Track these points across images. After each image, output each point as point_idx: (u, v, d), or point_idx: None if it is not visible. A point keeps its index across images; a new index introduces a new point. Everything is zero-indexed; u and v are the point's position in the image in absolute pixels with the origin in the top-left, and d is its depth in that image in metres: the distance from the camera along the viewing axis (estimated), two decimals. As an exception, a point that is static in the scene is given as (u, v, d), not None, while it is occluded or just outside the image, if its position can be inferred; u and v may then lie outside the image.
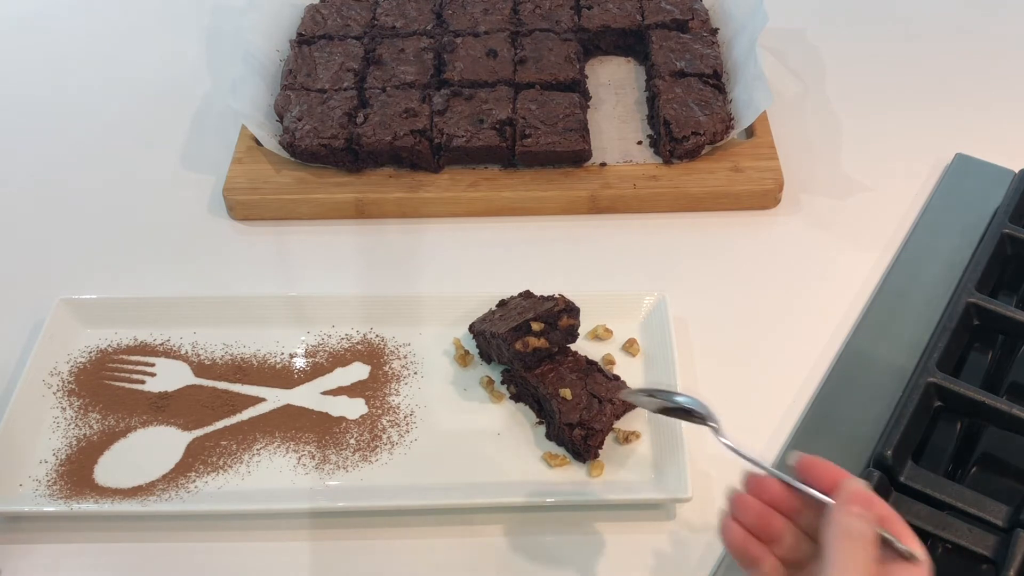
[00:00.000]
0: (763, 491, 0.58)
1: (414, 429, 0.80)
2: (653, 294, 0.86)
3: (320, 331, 0.86)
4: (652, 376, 0.82)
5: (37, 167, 1.06)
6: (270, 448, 0.78)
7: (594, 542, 0.74)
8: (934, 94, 1.11)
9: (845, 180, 1.01)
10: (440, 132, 0.99)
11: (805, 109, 1.10)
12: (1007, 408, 0.74)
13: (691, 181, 0.98)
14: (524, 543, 0.74)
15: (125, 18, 1.26)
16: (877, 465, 0.72)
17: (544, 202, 0.98)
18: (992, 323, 0.82)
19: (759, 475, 0.59)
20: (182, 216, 1.00)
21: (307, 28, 1.12)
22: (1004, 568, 0.66)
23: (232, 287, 0.93)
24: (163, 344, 0.86)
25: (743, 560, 0.58)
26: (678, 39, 1.09)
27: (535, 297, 0.84)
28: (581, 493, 0.75)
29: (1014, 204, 0.90)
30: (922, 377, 0.76)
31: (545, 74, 1.05)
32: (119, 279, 0.94)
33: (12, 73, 1.19)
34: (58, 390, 0.82)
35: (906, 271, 0.91)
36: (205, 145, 1.07)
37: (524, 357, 0.78)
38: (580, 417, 0.76)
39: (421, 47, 1.09)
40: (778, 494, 0.58)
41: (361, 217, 0.98)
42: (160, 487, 0.76)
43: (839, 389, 0.82)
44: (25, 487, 0.76)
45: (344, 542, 0.74)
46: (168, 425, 0.80)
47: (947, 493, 0.71)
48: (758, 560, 0.58)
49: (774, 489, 0.58)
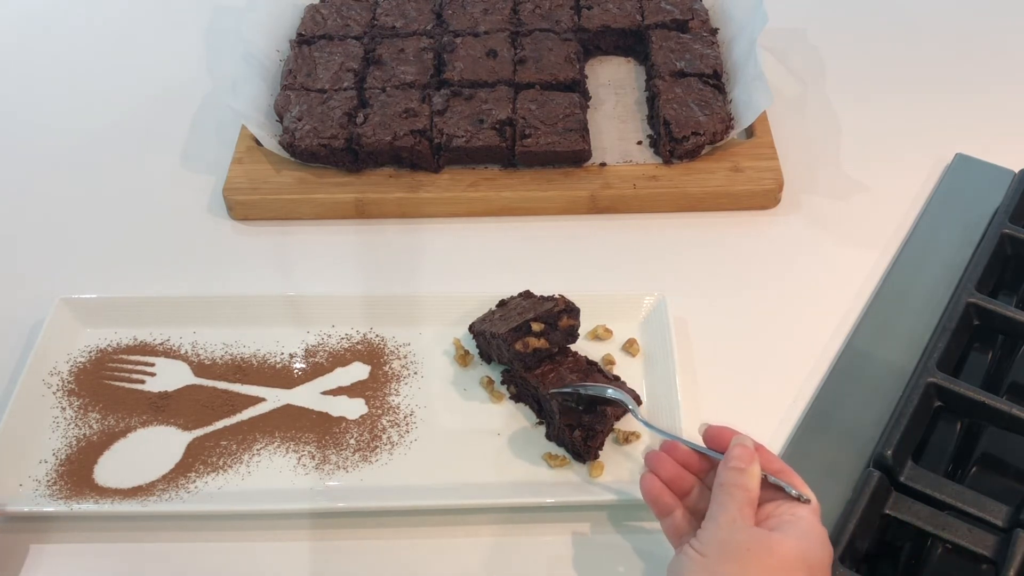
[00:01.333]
0: (676, 453, 0.69)
1: (414, 429, 0.80)
2: (653, 294, 0.86)
3: (320, 331, 0.86)
4: (652, 376, 0.82)
5: (37, 167, 1.06)
6: (270, 448, 0.78)
7: (594, 542, 0.74)
8: (934, 94, 1.11)
9: (845, 180, 1.01)
10: (440, 132, 0.99)
11: (805, 109, 1.10)
12: (1007, 408, 0.74)
13: (691, 181, 0.98)
14: (524, 543, 0.74)
15: (125, 18, 1.27)
16: (877, 465, 0.72)
17: (544, 202, 0.98)
18: (992, 323, 0.82)
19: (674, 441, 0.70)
20: (182, 216, 1.00)
21: (307, 28, 1.12)
22: (1004, 568, 0.66)
23: (232, 287, 0.93)
24: (163, 344, 0.86)
25: (658, 509, 0.68)
26: (678, 39, 1.09)
27: (535, 297, 0.84)
28: (581, 493, 0.75)
29: (1014, 204, 0.90)
30: (922, 377, 0.76)
31: (545, 74, 1.05)
32: (119, 279, 0.94)
33: (12, 73, 1.19)
34: (58, 390, 0.82)
35: (906, 271, 0.91)
36: (205, 145, 1.07)
37: (524, 357, 0.78)
38: (580, 418, 0.76)
39: (421, 47, 1.09)
40: (689, 457, 0.69)
41: (361, 217, 0.98)
42: (160, 487, 0.76)
43: (839, 389, 0.82)
44: (25, 487, 0.76)
45: (344, 542, 0.74)
46: (168, 425, 0.80)
47: (947, 493, 0.71)
48: (671, 509, 0.68)
49: (686, 452, 0.69)
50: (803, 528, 0.62)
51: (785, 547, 0.60)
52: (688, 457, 0.69)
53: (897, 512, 0.70)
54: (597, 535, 0.74)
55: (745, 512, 0.62)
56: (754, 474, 0.64)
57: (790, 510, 0.64)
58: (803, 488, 0.65)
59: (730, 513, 0.62)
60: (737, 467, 0.64)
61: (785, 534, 0.61)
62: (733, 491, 0.63)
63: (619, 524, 0.75)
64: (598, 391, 0.75)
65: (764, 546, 0.61)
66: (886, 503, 0.71)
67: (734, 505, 0.63)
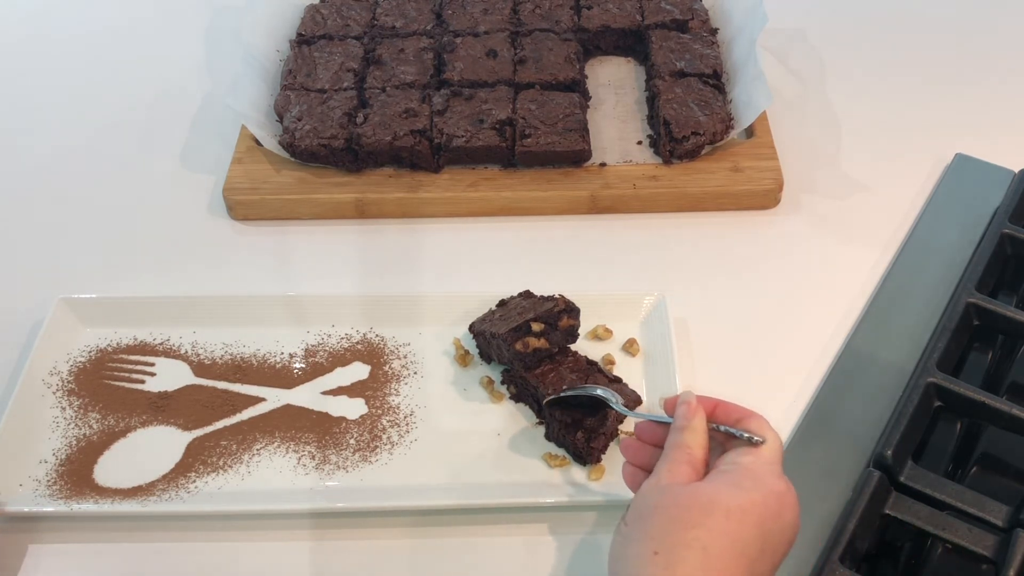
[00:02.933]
0: (645, 435, 0.67)
1: (414, 429, 0.80)
2: (653, 294, 0.86)
3: (320, 331, 0.86)
4: (652, 376, 0.82)
5: (37, 167, 1.06)
6: (270, 448, 0.78)
7: (594, 542, 0.74)
8: (934, 94, 1.11)
9: (845, 180, 1.01)
10: (440, 132, 0.99)
11: (805, 109, 1.10)
12: (1007, 408, 0.74)
13: (691, 181, 0.98)
14: (523, 543, 0.74)
15: (125, 18, 1.26)
16: (877, 465, 0.72)
17: (544, 202, 0.98)
18: (992, 323, 0.82)
19: (641, 423, 0.68)
20: (182, 216, 1.00)
21: (307, 28, 1.12)
22: (1004, 568, 0.66)
23: (232, 287, 0.92)
24: (163, 344, 0.86)
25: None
26: (678, 39, 1.09)
27: (535, 297, 0.84)
28: (581, 493, 0.75)
29: (1014, 204, 0.90)
30: (922, 377, 0.76)
31: (545, 74, 1.05)
32: (119, 279, 0.94)
33: (12, 73, 1.19)
34: (58, 390, 0.82)
35: (906, 271, 0.91)
36: (205, 145, 1.07)
37: (524, 357, 0.78)
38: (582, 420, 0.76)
39: (421, 47, 1.09)
40: (655, 434, 0.66)
41: (361, 217, 0.98)
42: (160, 487, 0.76)
43: (839, 389, 0.82)
44: (25, 487, 0.76)
45: (344, 542, 0.74)
46: (168, 425, 0.80)
47: (947, 493, 0.71)
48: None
49: (652, 429, 0.66)
50: (733, 476, 0.58)
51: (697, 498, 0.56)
52: (655, 435, 0.66)
53: (897, 512, 0.70)
54: (597, 535, 0.74)
55: (676, 471, 0.59)
56: (696, 429, 0.62)
57: (734, 458, 0.60)
58: (763, 431, 0.62)
59: (658, 476, 0.60)
60: (677, 426, 0.62)
61: (706, 481, 0.58)
62: (669, 452, 0.61)
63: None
64: (584, 391, 0.75)
65: (672, 500, 0.57)
66: (886, 503, 0.71)
67: (664, 466, 0.60)
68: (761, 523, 0.56)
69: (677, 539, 0.55)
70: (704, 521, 0.55)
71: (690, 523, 0.55)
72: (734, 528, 0.55)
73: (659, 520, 0.56)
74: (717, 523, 0.55)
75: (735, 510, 0.56)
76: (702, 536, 0.55)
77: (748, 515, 0.56)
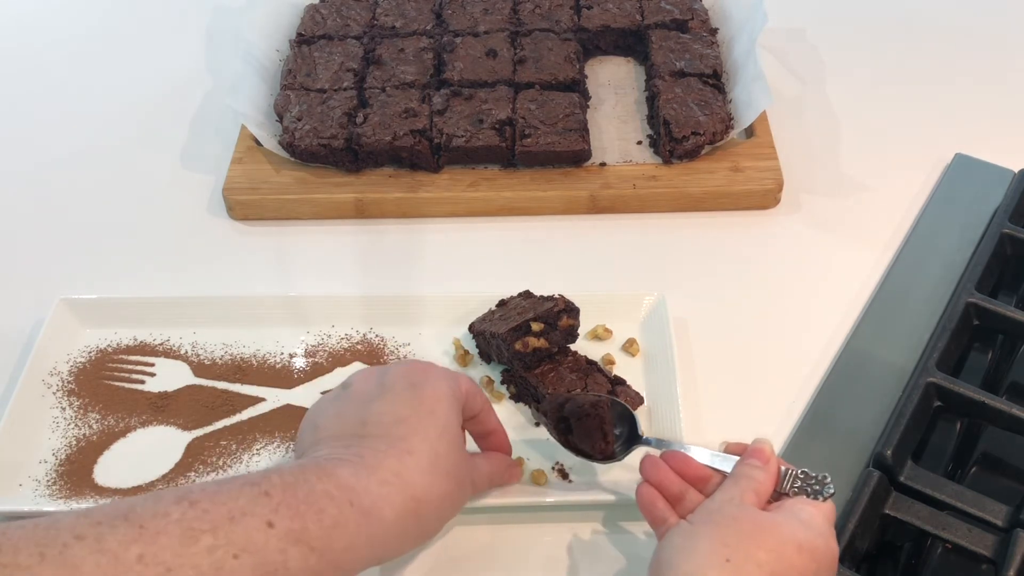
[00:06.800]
0: (673, 461, 0.67)
1: (414, 429, 0.79)
2: (653, 294, 0.86)
3: (320, 331, 0.86)
4: (652, 376, 0.82)
5: (37, 167, 1.06)
6: (270, 448, 0.78)
7: (593, 542, 0.74)
8: (934, 94, 1.11)
9: (845, 180, 1.01)
10: (440, 132, 0.99)
11: (805, 109, 1.10)
12: (1007, 408, 0.74)
13: (691, 181, 0.98)
14: (523, 543, 0.74)
15: (124, 18, 1.27)
16: (877, 465, 0.72)
17: (544, 202, 0.98)
18: (992, 323, 0.82)
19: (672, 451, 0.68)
20: (182, 216, 1.00)
21: (307, 28, 1.12)
22: (1004, 568, 0.66)
23: (232, 287, 0.92)
24: (163, 344, 0.86)
25: (652, 518, 0.66)
26: (678, 39, 1.09)
27: (535, 297, 0.84)
28: (581, 493, 0.75)
29: (1014, 204, 0.90)
30: (922, 377, 0.76)
31: (545, 74, 1.05)
32: (119, 279, 0.94)
33: (12, 73, 1.19)
34: (58, 390, 0.82)
35: (906, 271, 0.91)
36: (205, 145, 1.07)
37: (524, 357, 0.78)
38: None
39: (421, 47, 1.09)
40: (685, 463, 0.66)
41: (361, 217, 0.98)
42: (160, 487, 0.75)
43: (839, 389, 0.82)
44: (25, 487, 0.76)
45: (344, 542, 0.74)
46: (168, 425, 0.80)
47: (947, 493, 0.71)
48: (665, 518, 0.65)
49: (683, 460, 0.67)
50: (802, 517, 0.60)
51: (775, 525, 0.59)
52: (684, 464, 0.67)
53: (897, 512, 0.70)
54: (597, 535, 0.74)
55: (747, 496, 0.61)
56: (770, 472, 0.64)
57: (801, 505, 0.62)
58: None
59: (729, 493, 0.62)
60: (752, 463, 0.64)
61: (780, 515, 0.60)
62: (740, 480, 0.63)
63: (619, 524, 0.74)
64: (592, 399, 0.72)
65: (750, 518, 0.59)
66: (886, 503, 0.71)
67: (737, 489, 0.62)
68: (818, 570, 0.59)
69: (750, 555, 0.57)
70: (778, 548, 0.58)
71: (765, 546, 0.58)
72: (801, 564, 0.58)
73: (736, 531, 0.59)
74: (788, 554, 0.58)
75: (807, 548, 0.59)
76: (772, 562, 0.57)
77: (815, 557, 0.59)
